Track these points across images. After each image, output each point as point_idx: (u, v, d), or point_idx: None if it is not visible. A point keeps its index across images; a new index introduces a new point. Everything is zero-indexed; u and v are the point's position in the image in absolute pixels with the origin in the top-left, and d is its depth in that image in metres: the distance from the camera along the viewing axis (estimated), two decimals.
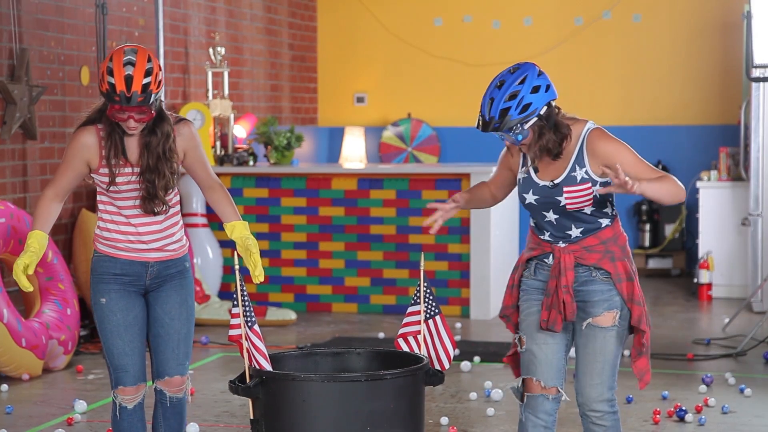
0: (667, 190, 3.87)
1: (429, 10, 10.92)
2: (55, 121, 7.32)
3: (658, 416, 5.30)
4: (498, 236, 8.31)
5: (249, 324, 3.67)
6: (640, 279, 9.89)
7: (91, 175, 4.02)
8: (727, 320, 7.76)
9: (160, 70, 3.91)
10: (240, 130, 8.95)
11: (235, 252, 3.89)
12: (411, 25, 10.95)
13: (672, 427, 5.27)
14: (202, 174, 4.10)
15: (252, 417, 3.66)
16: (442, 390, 5.94)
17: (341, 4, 11.07)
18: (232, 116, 8.78)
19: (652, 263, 10.28)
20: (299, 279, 8.48)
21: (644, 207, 10.31)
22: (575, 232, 3.86)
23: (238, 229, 4.05)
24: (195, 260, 8.13)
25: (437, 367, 3.86)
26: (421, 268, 3.85)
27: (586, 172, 3.83)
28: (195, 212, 8.40)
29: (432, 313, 3.87)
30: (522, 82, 3.78)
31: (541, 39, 10.73)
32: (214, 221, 8.52)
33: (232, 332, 3.73)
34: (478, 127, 3.84)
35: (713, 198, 9.16)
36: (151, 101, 3.88)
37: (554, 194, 3.82)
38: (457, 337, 7.36)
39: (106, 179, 3.97)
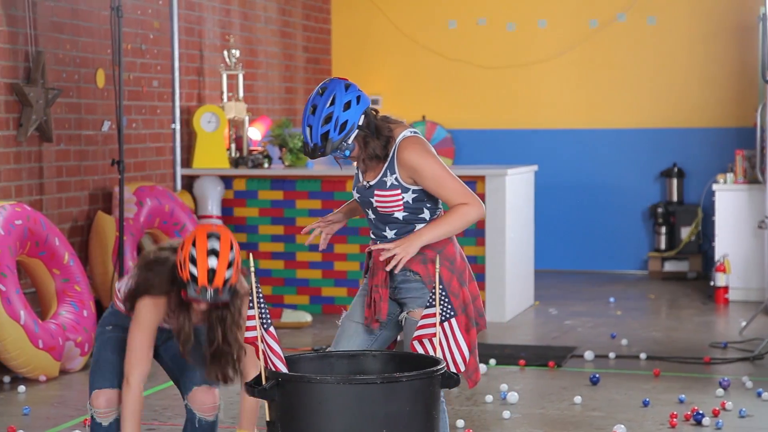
0: (446, 225, 3.91)
1: (443, 13, 10.92)
2: (70, 123, 7.34)
3: (675, 420, 5.28)
4: (513, 239, 8.29)
5: (265, 326, 3.67)
6: (657, 282, 9.94)
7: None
8: (744, 323, 7.73)
9: (239, 253, 3.84)
10: (255, 133, 8.95)
11: (251, 254, 3.89)
12: (425, 27, 10.95)
13: (689, 430, 5.25)
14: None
15: (268, 419, 3.65)
16: (457, 393, 5.93)
17: (355, 7, 11.07)
18: (246, 119, 8.79)
19: (668, 266, 10.24)
20: (314, 281, 8.48)
21: (660, 210, 10.28)
22: (390, 233, 3.99)
23: None
24: None
25: (453, 369, 3.85)
26: (437, 271, 3.84)
27: (396, 179, 3.92)
28: (210, 214, 8.41)
29: (447, 315, 3.86)
30: (333, 103, 3.84)
31: (556, 41, 10.71)
32: (229, 223, 8.53)
33: (248, 334, 3.72)
34: (306, 155, 3.93)
35: (729, 201, 9.12)
36: (228, 293, 3.82)
37: (368, 195, 3.97)
38: None
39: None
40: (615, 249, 10.61)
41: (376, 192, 3.95)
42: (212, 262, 3.75)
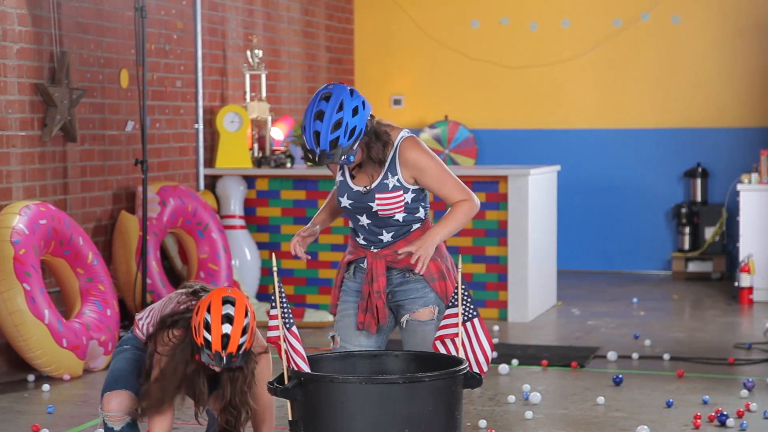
0: (455, 222, 3.99)
1: (466, 12, 10.90)
2: (94, 123, 7.37)
3: (699, 421, 5.26)
4: (536, 238, 8.27)
5: (287, 325, 3.68)
6: (681, 282, 9.89)
7: None
8: None
9: (254, 319, 3.86)
10: (277, 133, 8.97)
11: (273, 254, 3.90)
12: (448, 27, 10.94)
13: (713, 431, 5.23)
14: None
15: (290, 418, 3.66)
16: (480, 393, 5.92)
17: (378, 7, 11.08)
18: (269, 118, 8.80)
19: (692, 266, 10.20)
20: None
21: (684, 210, 10.23)
22: (387, 236, 4.00)
23: None
24: (233, 262, 8.16)
25: (475, 369, 3.85)
26: (459, 271, 3.84)
27: (398, 180, 3.95)
28: (233, 214, 8.43)
29: (470, 315, 3.86)
30: (341, 108, 3.83)
31: (579, 41, 10.68)
32: (252, 223, 8.55)
33: (271, 333, 3.73)
34: (308, 161, 3.90)
35: (754, 201, 9.07)
36: (242, 358, 3.84)
37: (367, 200, 3.96)
38: (495, 340, 7.34)
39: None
40: (638, 249, 10.57)
41: (377, 195, 3.96)
42: (226, 328, 3.76)
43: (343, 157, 3.87)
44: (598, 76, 10.68)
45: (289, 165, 8.68)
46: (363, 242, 4.06)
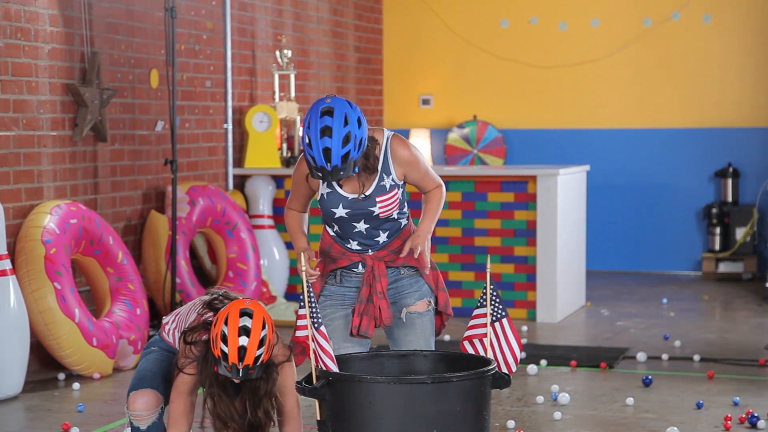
0: (438, 211, 4.07)
1: (495, 12, 10.88)
2: (125, 123, 7.41)
3: (729, 423, 5.22)
4: (564, 238, 8.25)
5: (315, 325, 3.68)
6: (711, 283, 9.83)
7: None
8: None
9: (273, 330, 3.85)
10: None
11: (302, 253, 3.89)
12: (477, 26, 10.92)
13: None
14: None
15: (318, 418, 3.67)
16: (508, 393, 5.90)
17: (407, 7, 11.07)
18: (298, 118, 8.82)
19: (723, 267, 10.13)
20: None
21: (714, 210, 10.17)
22: (383, 237, 4.03)
23: None
24: (261, 261, 8.18)
25: (504, 370, 3.84)
26: (488, 271, 3.83)
27: (393, 179, 3.98)
28: (262, 214, 8.46)
29: (498, 315, 3.85)
30: (347, 122, 3.80)
31: (609, 40, 10.64)
32: (280, 223, 8.56)
33: (299, 333, 3.74)
34: (318, 178, 3.84)
35: None
36: (260, 370, 3.84)
37: (367, 205, 3.96)
38: (524, 340, 7.32)
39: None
40: (668, 249, 10.51)
41: (378, 198, 3.97)
42: (243, 340, 3.75)
43: (352, 172, 3.85)
44: (628, 75, 10.63)
45: None
46: (357, 247, 4.05)
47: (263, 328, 3.79)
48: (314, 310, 3.70)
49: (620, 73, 10.64)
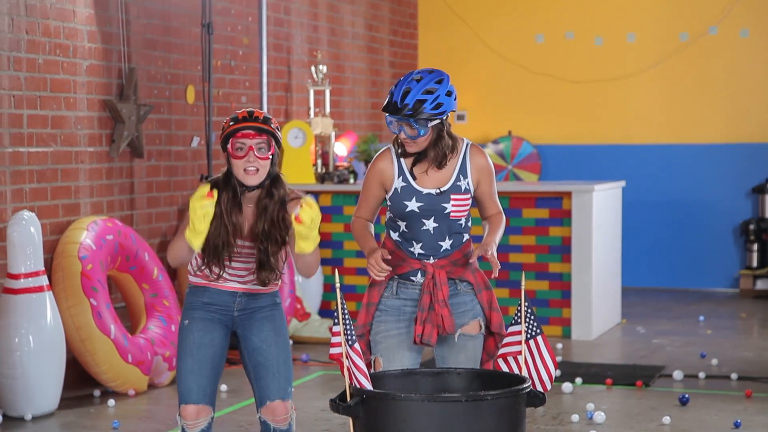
0: (501, 233, 4.13)
1: (531, 27, 10.87)
2: (161, 139, 7.45)
3: None
4: (600, 255, 8.20)
5: (350, 342, 3.67)
6: (748, 300, 9.74)
7: None
8: None
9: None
10: (341, 148, 9.00)
11: (336, 270, 3.90)
12: (512, 42, 10.91)
13: None
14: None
15: None
16: (543, 412, 5.87)
17: (442, 22, 11.08)
18: (333, 134, 8.84)
19: (760, 284, 10.03)
20: None
21: (752, 227, 10.08)
22: (446, 244, 4.06)
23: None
24: (296, 278, 8.19)
25: (538, 388, 3.82)
26: (522, 288, 3.82)
27: (468, 183, 4.06)
28: None
29: (533, 333, 3.83)
30: (439, 83, 3.97)
31: (645, 55, 10.59)
32: None
33: (333, 350, 3.73)
34: (385, 110, 3.98)
35: None
36: (270, 128, 3.97)
37: (440, 201, 4.02)
38: (559, 358, 7.27)
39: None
40: (705, 266, 10.43)
41: (453, 196, 4.02)
42: (249, 110, 4.02)
43: (415, 125, 3.93)
44: (665, 90, 10.58)
45: (352, 181, 8.71)
46: (421, 251, 4.05)
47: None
48: (348, 327, 3.70)
49: (656, 88, 10.59)
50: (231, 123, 3.99)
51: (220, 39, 8.02)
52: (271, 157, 3.99)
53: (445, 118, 4.00)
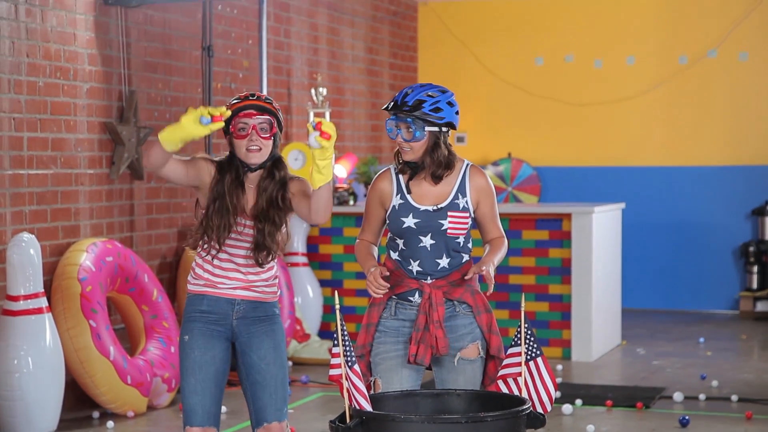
0: (502, 255, 4.10)
1: (530, 50, 10.90)
2: None
3: None
4: (600, 277, 8.20)
5: (349, 364, 3.67)
6: (749, 322, 9.73)
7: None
8: None
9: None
10: (341, 170, 9.02)
11: (336, 291, 3.91)
12: (512, 64, 10.94)
13: None
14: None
15: None
16: None
17: (442, 45, 11.12)
18: (333, 156, 8.84)
19: (761, 306, 10.03)
20: None
21: (752, 249, 10.08)
22: (444, 262, 4.05)
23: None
24: (295, 299, 8.19)
25: (538, 409, 3.81)
26: (522, 309, 3.81)
27: (467, 202, 4.07)
28: (296, 251, 8.47)
29: (533, 354, 3.83)
30: (443, 93, 4.04)
31: (645, 78, 10.62)
32: (315, 260, 8.57)
33: (333, 372, 3.72)
34: (387, 108, 4.05)
35: None
36: (272, 107, 4.01)
37: (437, 218, 4.03)
38: (559, 380, 7.26)
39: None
40: (705, 288, 10.43)
41: (450, 213, 4.03)
42: (251, 92, 4.07)
43: (412, 126, 3.97)
44: (664, 113, 10.60)
45: (352, 202, 8.71)
46: (419, 269, 4.05)
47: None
48: (348, 348, 3.69)
49: (656, 111, 10.61)
50: (233, 102, 4.02)
51: (221, 62, 8.04)
52: (272, 137, 4.02)
53: (445, 130, 4.02)
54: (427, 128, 3.99)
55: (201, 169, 4.09)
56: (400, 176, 4.10)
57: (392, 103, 4.02)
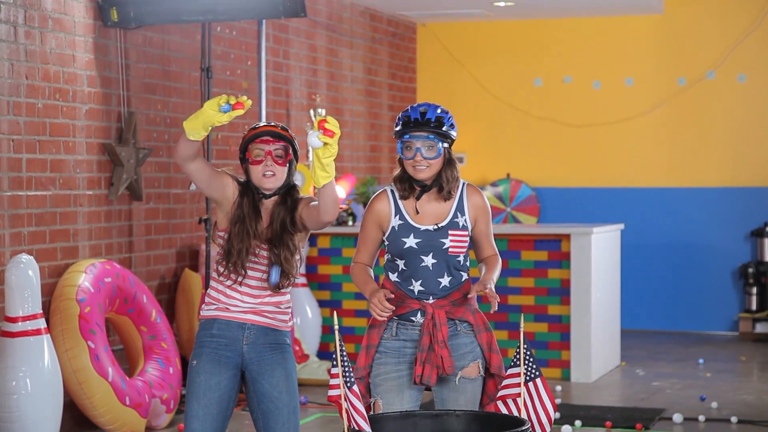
0: (496, 269, 4.13)
1: (529, 71, 10.93)
2: (160, 182, 7.47)
3: None
4: (599, 298, 8.19)
5: (348, 384, 3.66)
6: (748, 343, 9.72)
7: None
8: None
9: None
10: (339, 191, 9.02)
11: (335, 312, 3.90)
12: (510, 85, 10.96)
13: None
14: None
15: None
16: None
17: (441, 65, 11.14)
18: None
19: (760, 327, 10.01)
20: None
21: (751, 270, 10.07)
22: (445, 281, 4.06)
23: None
24: (294, 320, 8.18)
25: (537, 430, 3.80)
26: (521, 330, 3.81)
27: (466, 221, 4.10)
28: None
29: (532, 375, 3.82)
30: (446, 112, 4.09)
31: (643, 100, 10.64)
32: (314, 281, 8.57)
33: (332, 392, 3.71)
34: (406, 126, 4.05)
35: None
36: (288, 134, 4.06)
37: (438, 237, 4.05)
38: (558, 400, 7.25)
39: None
40: (704, 309, 10.41)
41: (450, 232, 4.04)
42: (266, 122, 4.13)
43: (437, 142, 4.00)
44: (663, 134, 10.62)
45: (350, 223, 8.71)
46: (420, 288, 4.05)
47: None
48: (347, 368, 3.69)
49: (654, 132, 10.63)
50: (250, 129, 4.06)
51: (220, 83, 8.06)
52: (288, 164, 4.05)
53: (450, 147, 4.08)
54: (444, 144, 4.05)
55: (227, 185, 4.09)
56: (401, 201, 4.11)
57: (413, 122, 4.03)
